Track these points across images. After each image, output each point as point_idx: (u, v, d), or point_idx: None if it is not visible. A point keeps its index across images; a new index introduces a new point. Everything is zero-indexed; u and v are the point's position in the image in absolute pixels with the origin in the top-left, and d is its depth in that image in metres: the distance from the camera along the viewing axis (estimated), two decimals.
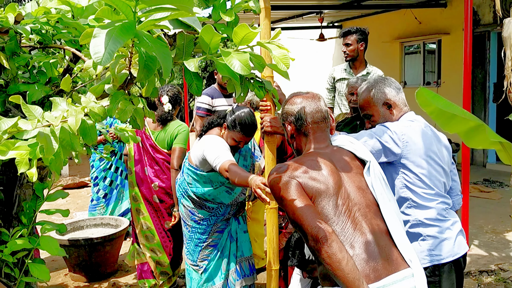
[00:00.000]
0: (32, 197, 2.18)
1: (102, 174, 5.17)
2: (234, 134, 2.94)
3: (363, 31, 4.50)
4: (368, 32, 4.54)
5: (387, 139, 2.17)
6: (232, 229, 3.22)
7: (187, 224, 3.18)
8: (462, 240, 2.28)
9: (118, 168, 5.21)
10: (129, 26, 0.89)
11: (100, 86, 1.21)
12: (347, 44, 4.49)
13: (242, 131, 2.92)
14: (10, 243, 2.02)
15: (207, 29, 1.18)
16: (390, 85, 2.33)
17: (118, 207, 5.21)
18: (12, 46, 1.75)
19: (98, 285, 4.24)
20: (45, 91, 1.79)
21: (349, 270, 1.51)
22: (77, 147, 1.16)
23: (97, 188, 5.19)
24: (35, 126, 1.08)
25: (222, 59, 1.29)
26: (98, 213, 5.15)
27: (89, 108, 1.20)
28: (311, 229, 1.58)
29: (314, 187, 1.72)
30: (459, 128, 1.81)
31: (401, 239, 1.74)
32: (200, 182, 3.04)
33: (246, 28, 1.19)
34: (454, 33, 8.65)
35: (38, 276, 2.11)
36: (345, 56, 4.53)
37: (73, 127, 1.14)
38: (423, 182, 2.20)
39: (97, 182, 5.19)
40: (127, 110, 1.20)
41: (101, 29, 0.89)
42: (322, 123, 1.97)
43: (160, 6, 0.91)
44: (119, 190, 5.21)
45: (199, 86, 1.32)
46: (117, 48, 0.87)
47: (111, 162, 5.16)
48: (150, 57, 1.06)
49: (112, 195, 5.19)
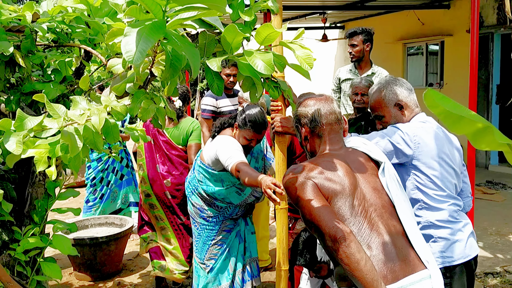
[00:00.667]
0: (44, 196, 2.18)
1: (100, 175, 5.14)
2: (245, 132, 2.97)
3: (369, 32, 4.50)
4: (373, 33, 4.56)
5: (399, 140, 2.17)
6: (241, 230, 3.24)
7: (196, 221, 3.21)
8: (473, 242, 2.28)
9: (115, 169, 5.20)
10: (159, 25, 0.89)
11: (122, 85, 1.21)
12: (353, 45, 4.48)
13: (252, 128, 2.94)
14: (22, 241, 2.02)
15: (231, 28, 1.18)
16: (401, 86, 2.32)
17: (110, 206, 5.18)
18: (28, 44, 1.75)
19: (103, 284, 4.23)
20: (61, 89, 1.79)
21: (367, 271, 1.51)
22: (100, 146, 1.16)
23: (93, 189, 5.15)
24: (61, 125, 1.08)
25: (244, 58, 1.29)
26: (93, 214, 5.11)
27: (112, 107, 1.20)
28: (328, 229, 1.57)
29: (330, 188, 1.73)
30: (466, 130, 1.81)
31: (418, 240, 1.74)
32: (211, 181, 3.06)
33: (270, 28, 1.19)
34: (457, 35, 8.66)
35: (50, 275, 2.11)
36: (351, 57, 4.53)
37: (97, 126, 1.14)
38: (435, 184, 2.19)
39: (95, 183, 5.15)
40: (150, 109, 1.20)
41: (131, 28, 0.89)
42: (336, 125, 1.98)
43: (191, 6, 0.91)
44: (113, 190, 5.19)
45: (220, 86, 1.32)
46: (148, 47, 0.87)
47: (108, 163, 5.14)
48: (176, 56, 1.06)
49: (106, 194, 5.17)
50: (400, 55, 10.10)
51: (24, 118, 1.05)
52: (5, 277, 1.78)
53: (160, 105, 1.24)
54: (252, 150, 3.21)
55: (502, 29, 7.80)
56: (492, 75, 8.16)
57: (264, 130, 3.00)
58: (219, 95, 1.39)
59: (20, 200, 2.17)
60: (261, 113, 2.98)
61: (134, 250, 4.95)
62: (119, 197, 5.23)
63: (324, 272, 2.63)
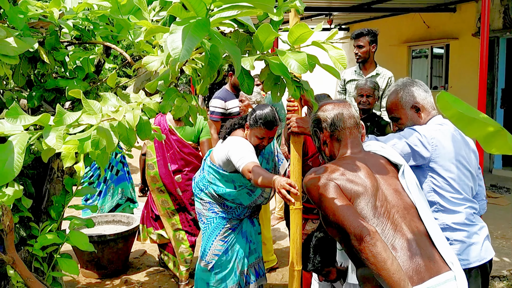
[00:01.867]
0: (61, 192, 2.18)
1: (97, 171, 5.16)
2: (256, 131, 2.97)
3: (374, 33, 4.53)
4: (378, 33, 4.58)
5: (417, 143, 2.18)
6: (248, 231, 3.24)
7: (203, 216, 3.22)
8: (489, 245, 2.28)
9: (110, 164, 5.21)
10: (203, 24, 0.90)
11: (155, 83, 1.22)
12: (360, 46, 4.50)
13: (264, 125, 2.94)
14: (40, 237, 2.03)
15: (265, 28, 1.18)
16: (419, 88, 2.33)
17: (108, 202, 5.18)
18: (52, 41, 1.75)
19: (110, 282, 4.23)
20: (84, 86, 1.79)
21: (394, 270, 1.50)
22: (133, 142, 1.17)
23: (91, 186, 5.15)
24: (99, 121, 1.09)
25: (275, 58, 1.30)
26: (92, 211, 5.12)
27: (145, 104, 1.20)
28: (353, 229, 1.57)
29: (353, 189, 1.73)
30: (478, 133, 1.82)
31: (441, 241, 1.74)
32: (222, 181, 3.08)
33: (304, 27, 1.20)
34: (462, 38, 8.66)
35: (67, 271, 2.12)
36: (357, 58, 4.55)
37: (131, 123, 1.14)
38: (451, 186, 2.20)
39: (93, 180, 5.16)
40: (183, 107, 1.21)
41: (177, 26, 0.89)
42: (355, 129, 2.00)
43: (236, 4, 0.92)
44: (109, 186, 5.19)
45: (251, 85, 1.33)
46: (194, 45, 0.87)
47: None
48: (214, 54, 1.07)
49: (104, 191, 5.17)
50: (405, 58, 10.10)
51: (63, 113, 1.06)
52: (25, 273, 1.79)
53: (192, 103, 1.25)
54: (263, 151, 3.21)
55: (507, 33, 7.81)
56: (497, 79, 8.17)
57: (276, 126, 3.00)
58: (249, 94, 1.40)
59: (38, 196, 2.18)
60: (272, 111, 2.99)
61: (140, 248, 4.96)
62: (116, 192, 5.24)
63: (333, 276, 2.62)
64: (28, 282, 1.77)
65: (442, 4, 8.52)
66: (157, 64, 1.17)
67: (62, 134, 1.03)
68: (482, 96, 4.46)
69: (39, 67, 1.84)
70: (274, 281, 4.23)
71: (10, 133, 1.02)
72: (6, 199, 1.71)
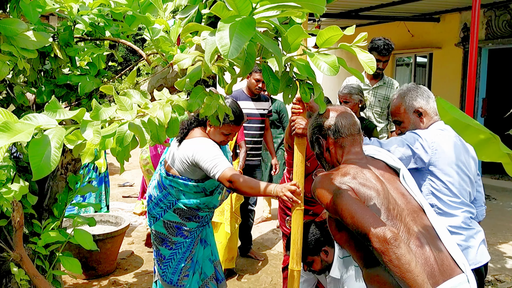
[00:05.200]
0: (65, 190, 2.15)
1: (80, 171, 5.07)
2: (223, 128, 2.74)
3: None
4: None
5: (417, 146, 2.23)
6: (208, 234, 3.06)
7: (167, 243, 2.85)
8: (484, 249, 2.35)
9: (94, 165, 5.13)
10: (249, 22, 0.91)
11: (183, 80, 1.22)
12: (386, 61, 4.32)
13: (232, 121, 2.72)
14: (43, 235, 2.00)
15: (296, 29, 1.20)
16: (422, 94, 2.38)
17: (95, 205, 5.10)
18: (66, 36, 1.74)
19: (97, 282, 4.18)
20: (96, 83, 1.78)
21: (418, 272, 1.48)
22: (163, 139, 1.17)
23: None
24: (134, 116, 1.08)
25: (301, 59, 1.31)
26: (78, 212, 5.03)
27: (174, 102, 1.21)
28: (375, 231, 1.53)
29: (366, 193, 1.71)
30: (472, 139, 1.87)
31: (452, 244, 1.75)
32: (191, 193, 2.79)
33: (334, 30, 1.22)
34: (446, 48, 8.86)
35: (70, 270, 2.10)
36: (378, 72, 4.38)
37: (162, 120, 1.14)
38: (450, 190, 2.25)
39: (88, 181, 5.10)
40: (212, 105, 1.21)
41: (224, 24, 0.90)
42: (358, 136, 1.98)
43: (283, 4, 0.93)
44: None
45: (276, 86, 1.34)
46: (243, 44, 0.88)
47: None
48: (250, 53, 1.08)
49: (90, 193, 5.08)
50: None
51: (99, 108, 1.05)
52: (32, 270, 1.76)
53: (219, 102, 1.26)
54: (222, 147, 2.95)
55: (490, 44, 8.02)
56: (478, 89, 8.37)
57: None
58: (274, 95, 1.41)
59: (40, 194, 2.15)
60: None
61: (128, 249, 4.90)
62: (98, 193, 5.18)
63: (316, 265, 2.60)
64: (35, 280, 1.74)
65: (427, 14, 8.71)
66: (189, 61, 1.17)
67: (99, 129, 1.02)
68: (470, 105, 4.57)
69: (50, 62, 1.82)
70: (263, 283, 4.23)
71: (46, 127, 1.01)
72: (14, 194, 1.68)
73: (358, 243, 1.73)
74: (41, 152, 0.96)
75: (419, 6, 7.83)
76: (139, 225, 5.73)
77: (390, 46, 4.27)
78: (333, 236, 1.89)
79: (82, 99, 1.93)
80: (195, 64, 1.25)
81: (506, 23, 7.80)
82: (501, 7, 7.80)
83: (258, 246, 5.13)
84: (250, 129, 4.54)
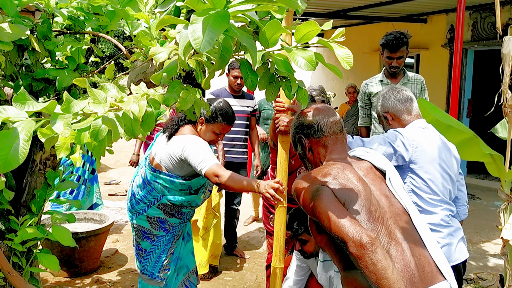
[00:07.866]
0: (43, 186, 2.12)
1: (69, 169, 5.01)
2: (215, 127, 2.77)
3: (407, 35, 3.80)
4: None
5: (399, 143, 2.25)
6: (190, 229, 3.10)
7: (148, 236, 2.85)
8: (463, 246, 2.37)
9: (85, 163, 5.08)
10: (223, 16, 0.89)
11: (159, 74, 1.20)
12: (399, 58, 3.74)
13: (224, 121, 2.76)
14: (20, 231, 1.97)
15: (273, 24, 1.19)
16: (389, 98, 2.46)
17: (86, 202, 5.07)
18: (44, 29, 1.71)
19: (80, 281, 4.13)
20: (75, 77, 1.75)
21: (394, 279, 1.43)
22: (137, 133, 1.15)
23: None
24: (107, 110, 1.07)
25: (279, 55, 1.31)
26: (64, 209, 4.98)
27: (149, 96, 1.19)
28: (352, 235, 1.48)
29: (346, 194, 1.66)
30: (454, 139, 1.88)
31: (436, 249, 1.69)
32: (176, 190, 2.77)
33: (312, 25, 1.21)
34: (433, 49, 8.94)
35: (48, 266, 2.07)
36: (394, 70, 3.83)
37: (137, 113, 1.13)
38: (430, 188, 2.27)
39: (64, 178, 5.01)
40: (188, 99, 1.20)
41: (197, 16, 0.89)
42: (341, 134, 1.94)
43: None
44: (86, 185, 5.08)
45: (254, 81, 1.33)
46: (216, 37, 0.86)
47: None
48: (226, 47, 1.06)
49: (79, 190, 5.03)
50: (376, 66, 10.32)
51: (71, 101, 1.03)
52: (6, 267, 1.73)
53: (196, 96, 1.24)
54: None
55: (475, 45, 8.10)
56: (464, 90, 8.45)
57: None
58: (252, 90, 1.40)
59: (17, 189, 2.11)
60: (228, 104, 2.84)
61: (112, 247, 4.86)
62: (93, 191, 5.13)
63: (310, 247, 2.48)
64: (9, 277, 1.71)
65: (414, 15, 8.77)
66: (164, 55, 1.15)
67: (69, 122, 1.01)
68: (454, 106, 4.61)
69: (29, 56, 1.79)
70: (248, 281, 4.22)
71: (15, 119, 0.99)
72: None
73: (338, 246, 1.69)
74: (9, 145, 0.95)
75: (406, 7, 7.89)
76: (125, 223, 5.69)
77: (400, 40, 3.69)
78: (314, 238, 1.86)
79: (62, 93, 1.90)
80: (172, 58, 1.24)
81: (491, 25, 7.88)
82: (487, 9, 7.88)
83: (244, 245, 5.12)
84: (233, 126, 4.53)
